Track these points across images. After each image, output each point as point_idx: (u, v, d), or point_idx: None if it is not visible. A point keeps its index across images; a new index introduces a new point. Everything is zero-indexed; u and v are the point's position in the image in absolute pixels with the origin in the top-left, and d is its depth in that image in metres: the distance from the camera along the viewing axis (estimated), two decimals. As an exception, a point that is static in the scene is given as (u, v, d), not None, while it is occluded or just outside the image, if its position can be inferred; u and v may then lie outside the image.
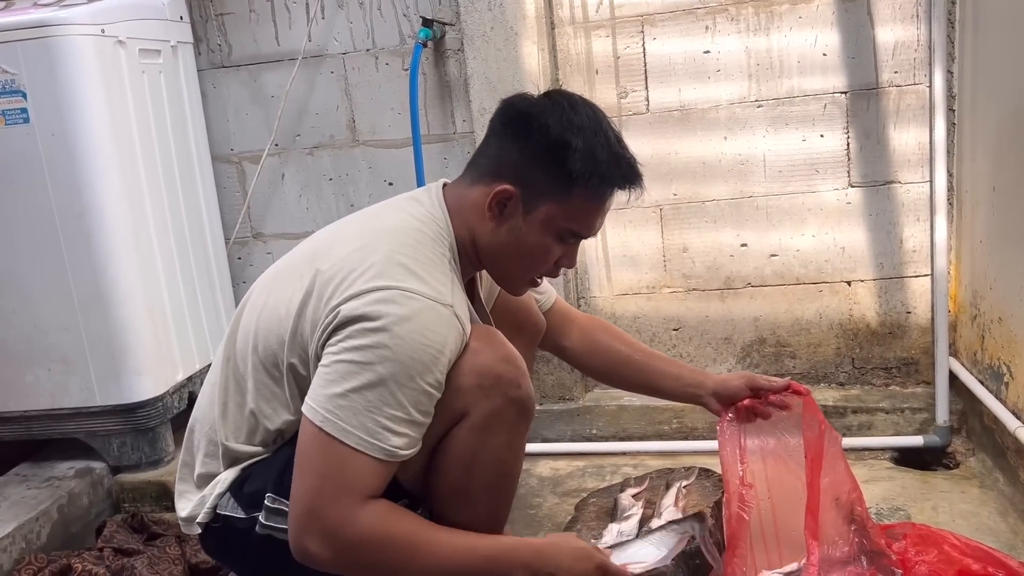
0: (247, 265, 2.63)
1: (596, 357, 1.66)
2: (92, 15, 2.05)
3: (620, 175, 1.26)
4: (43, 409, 2.17)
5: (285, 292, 1.25)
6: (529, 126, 1.24)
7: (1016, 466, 1.79)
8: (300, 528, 1.14)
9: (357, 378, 1.12)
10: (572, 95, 1.30)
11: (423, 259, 1.21)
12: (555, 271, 1.34)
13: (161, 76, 2.28)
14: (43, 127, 2.00)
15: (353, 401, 1.12)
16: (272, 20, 2.45)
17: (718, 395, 1.55)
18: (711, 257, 2.31)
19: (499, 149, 1.28)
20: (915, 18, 2.09)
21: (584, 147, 1.22)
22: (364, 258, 1.20)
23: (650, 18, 2.22)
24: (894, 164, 2.17)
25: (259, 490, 1.27)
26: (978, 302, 2.01)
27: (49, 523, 2.01)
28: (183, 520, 1.35)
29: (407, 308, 1.15)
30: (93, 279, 2.08)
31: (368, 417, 1.12)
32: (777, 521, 1.51)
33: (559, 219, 1.25)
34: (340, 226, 1.36)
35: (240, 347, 1.30)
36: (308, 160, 2.51)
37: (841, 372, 2.30)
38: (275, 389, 1.27)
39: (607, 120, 1.28)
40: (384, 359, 1.12)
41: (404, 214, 1.29)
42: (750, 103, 2.21)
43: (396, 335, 1.13)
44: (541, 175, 1.23)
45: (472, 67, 2.22)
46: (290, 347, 1.23)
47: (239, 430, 1.30)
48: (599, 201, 1.27)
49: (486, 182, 1.26)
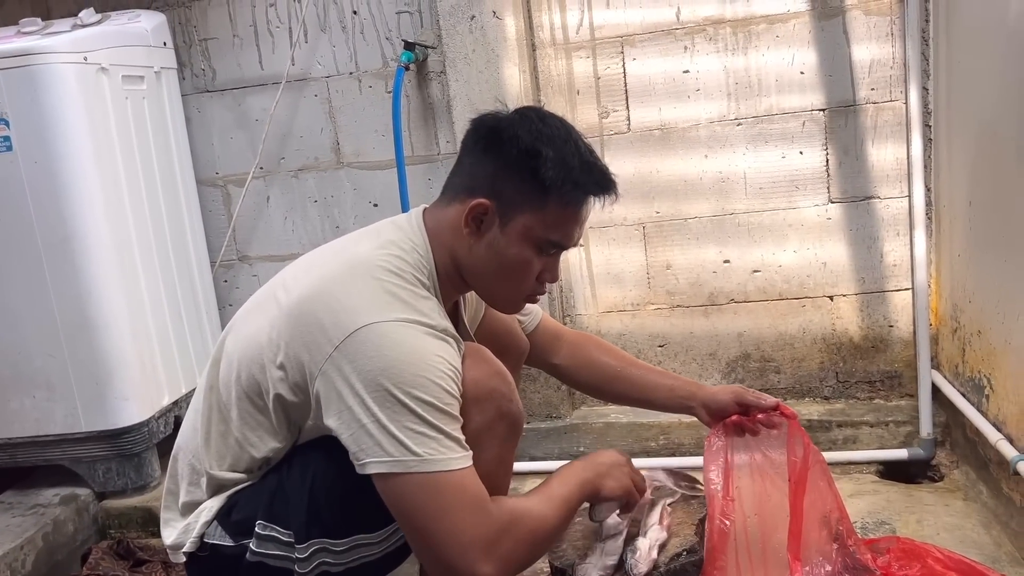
0: (233, 288, 2.63)
1: (587, 372, 1.67)
2: (75, 43, 2.06)
3: (593, 181, 1.27)
4: (28, 436, 2.16)
5: (265, 320, 1.25)
6: (500, 139, 1.25)
7: (999, 478, 1.80)
8: (468, 568, 1.13)
9: (400, 415, 1.12)
10: (541, 109, 1.32)
11: (404, 286, 1.22)
12: (540, 287, 1.34)
13: (145, 102, 2.29)
14: (26, 154, 2.00)
15: (416, 435, 1.12)
16: (256, 44, 2.46)
17: (707, 407, 1.56)
18: (694, 274, 2.33)
19: (472, 166, 1.29)
20: (890, 36, 2.12)
21: (555, 155, 1.23)
22: (345, 289, 1.20)
23: (630, 39, 2.24)
24: (873, 180, 2.19)
25: (247, 517, 1.26)
26: (958, 315, 2.03)
27: (34, 551, 2.00)
28: (169, 548, 1.34)
29: (400, 334, 1.15)
30: (77, 305, 2.08)
31: (440, 439, 1.13)
32: (763, 537, 1.51)
33: (536, 229, 1.25)
34: (320, 252, 1.36)
35: (223, 375, 1.29)
36: (293, 182, 2.52)
37: (825, 386, 2.32)
38: (260, 418, 1.26)
39: (577, 132, 1.29)
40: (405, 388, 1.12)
41: (383, 241, 1.29)
42: (730, 121, 2.23)
43: (400, 361, 1.13)
44: (515, 186, 1.24)
45: (455, 89, 2.24)
46: (278, 379, 1.22)
47: (223, 458, 1.29)
48: (574, 208, 1.27)
49: (461, 199, 1.27)
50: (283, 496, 1.25)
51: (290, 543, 1.24)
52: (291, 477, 1.26)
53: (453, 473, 1.12)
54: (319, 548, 1.24)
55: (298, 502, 1.24)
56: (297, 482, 1.25)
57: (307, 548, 1.23)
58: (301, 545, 1.23)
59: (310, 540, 1.23)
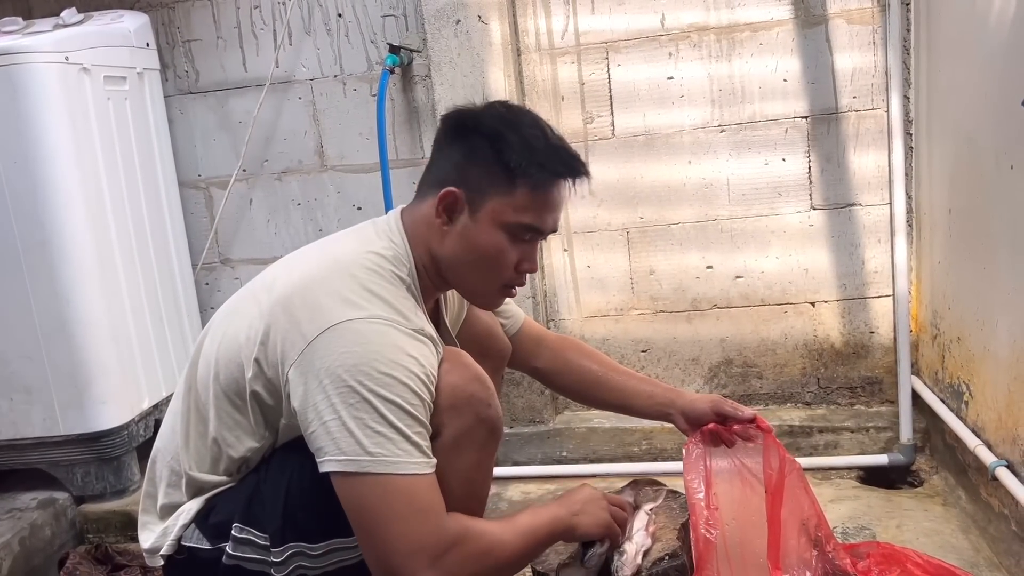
0: (215, 291, 2.61)
1: (568, 376, 1.67)
2: (56, 43, 2.04)
3: (560, 162, 1.27)
4: (5, 439, 2.13)
5: (244, 320, 1.25)
6: (465, 127, 1.27)
7: (977, 484, 1.82)
8: (409, 574, 1.12)
9: (361, 412, 1.11)
10: (509, 102, 1.34)
11: (383, 284, 1.21)
12: (519, 277, 1.33)
13: (127, 102, 2.28)
14: (5, 155, 1.98)
15: (374, 435, 1.11)
16: (239, 46, 2.45)
17: (686, 415, 1.56)
18: (678, 279, 2.33)
19: (440, 159, 1.30)
20: (872, 44, 2.14)
21: (519, 139, 1.24)
22: (324, 287, 1.20)
23: (614, 45, 2.25)
24: (855, 187, 2.21)
25: (225, 520, 1.25)
26: (938, 322, 2.05)
27: (11, 556, 1.98)
28: (147, 551, 1.33)
29: (374, 332, 1.15)
30: (56, 307, 2.05)
31: (398, 441, 1.12)
32: (743, 544, 1.52)
33: (507, 214, 1.25)
34: (300, 254, 1.35)
35: (201, 376, 1.29)
36: (276, 185, 2.51)
37: (807, 392, 2.33)
38: (238, 417, 1.25)
39: (544, 121, 1.30)
40: (370, 386, 1.12)
41: (363, 240, 1.29)
42: (713, 128, 2.24)
43: (370, 359, 1.12)
44: (481, 171, 1.24)
45: (439, 93, 2.24)
46: (253, 375, 1.21)
47: (202, 459, 1.29)
48: (543, 191, 1.26)
49: (432, 193, 1.27)
50: (259, 499, 1.24)
51: (266, 546, 1.23)
52: (268, 479, 1.25)
53: (406, 478, 1.12)
54: (295, 552, 1.23)
55: (274, 505, 1.23)
56: (273, 485, 1.24)
57: (283, 552, 1.22)
58: (276, 548, 1.22)
59: (285, 544, 1.22)
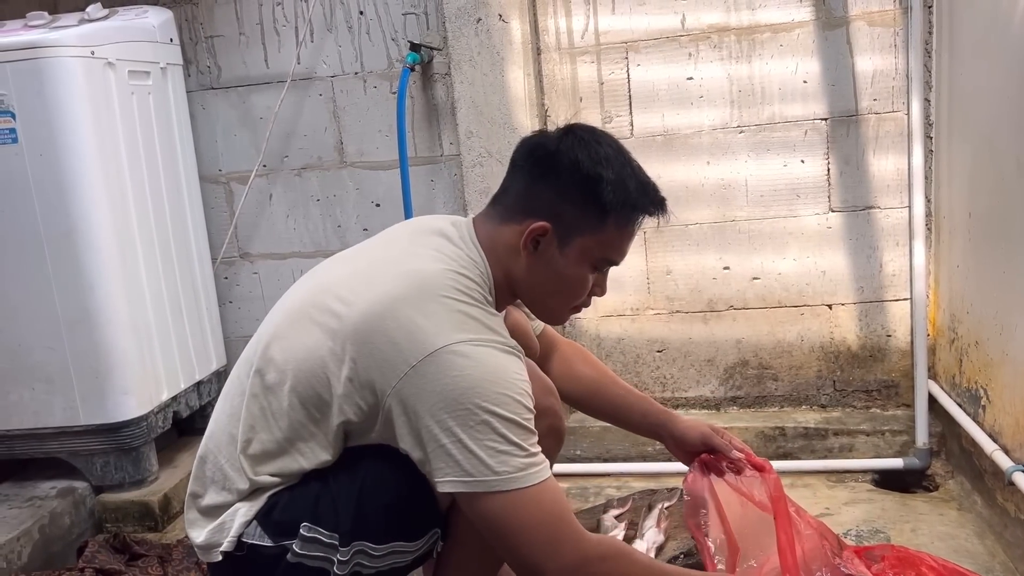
0: (233, 285, 2.63)
1: (570, 384, 1.68)
2: (82, 37, 2.07)
3: (649, 201, 1.29)
4: (26, 428, 2.16)
5: (319, 331, 1.23)
6: (559, 162, 1.26)
7: (994, 489, 1.81)
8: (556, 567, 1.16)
9: (481, 434, 1.14)
10: (592, 128, 1.32)
11: (476, 305, 1.23)
12: (588, 299, 1.36)
13: (150, 97, 2.30)
14: (31, 147, 2.01)
15: (497, 454, 1.14)
16: (262, 43, 2.47)
17: (675, 440, 1.58)
18: (694, 280, 2.33)
19: (527, 187, 1.29)
20: (893, 47, 2.13)
21: (615, 178, 1.25)
22: (417, 309, 1.19)
23: (634, 45, 2.26)
24: (874, 190, 2.20)
25: (290, 519, 1.26)
26: (956, 326, 2.04)
27: (30, 543, 2.00)
28: (200, 547, 1.32)
29: (481, 353, 1.17)
30: (78, 298, 2.08)
31: (520, 455, 1.15)
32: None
33: (594, 250, 1.28)
34: (372, 263, 1.32)
35: (272, 384, 1.26)
36: (296, 181, 2.53)
37: (823, 394, 2.33)
38: (313, 430, 1.25)
39: (626, 149, 1.31)
40: (488, 407, 1.14)
41: (445, 257, 1.28)
42: (732, 129, 2.24)
43: (483, 380, 1.15)
44: (576, 209, 1.26)
45: (459, 91, 2.25)
46: (344, 394, 1.21)
47: (266, 464, 1.28)
48: (631, 228, 1.30)
49: (518, 220, 1.27)
50: (329, 499, 1.25)
51: (334, 545, 1.24)
52: (338, 481, 1.26)
53: (531, 488, 1.15)
54: (359, 551, 1.25)
55: (347, 506, 1.24)
56: (345, 487, 1.25)
57: (349, 551, 1.24)
58: (344, 548, 1.24)
59: (353, 543, 1.24)
